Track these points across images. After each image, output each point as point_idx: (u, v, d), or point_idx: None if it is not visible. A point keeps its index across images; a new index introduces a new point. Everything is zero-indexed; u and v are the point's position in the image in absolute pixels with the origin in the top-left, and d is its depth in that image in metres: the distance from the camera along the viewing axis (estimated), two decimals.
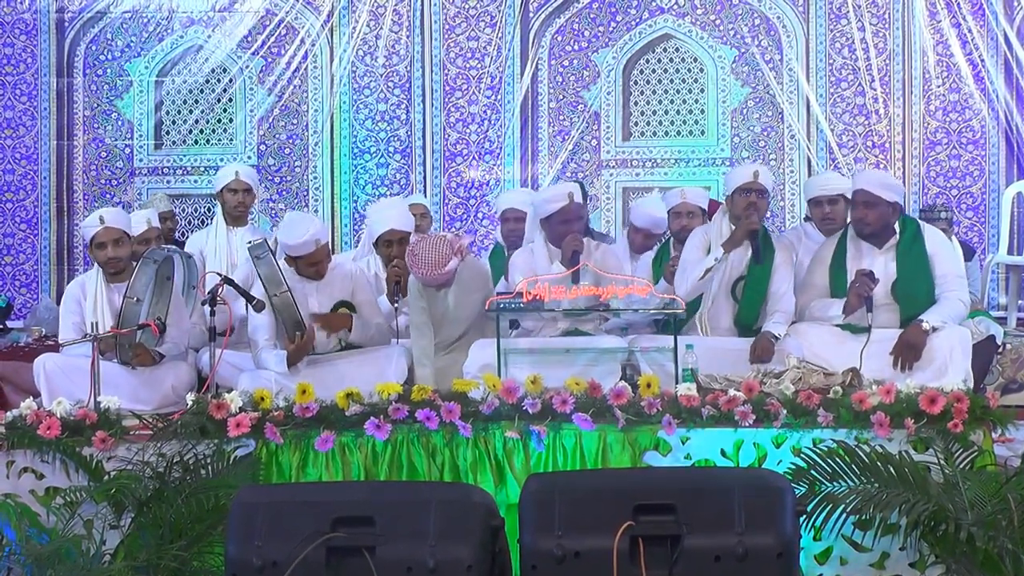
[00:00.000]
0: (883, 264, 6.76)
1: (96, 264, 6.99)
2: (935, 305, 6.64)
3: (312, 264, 6.90)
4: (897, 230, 6.81)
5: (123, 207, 10.31)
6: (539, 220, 7.15)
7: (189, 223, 10.49)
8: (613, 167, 10.47)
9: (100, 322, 6.58)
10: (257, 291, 6.80)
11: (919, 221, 7.06)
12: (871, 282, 6.59)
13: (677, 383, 6.10)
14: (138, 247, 7.26)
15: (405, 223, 7.34)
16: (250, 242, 6.95)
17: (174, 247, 7.64)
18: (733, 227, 6.96)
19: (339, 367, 6.65)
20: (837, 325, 6.71)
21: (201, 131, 10.68)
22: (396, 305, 7.12)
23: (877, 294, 6.68)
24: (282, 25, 10.58)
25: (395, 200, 8.93)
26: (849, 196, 7.06)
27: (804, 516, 5.06)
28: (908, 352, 6.53)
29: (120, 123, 10.64)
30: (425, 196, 10.18)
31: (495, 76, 10.48)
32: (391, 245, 7.26)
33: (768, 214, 10.14)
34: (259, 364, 6.74)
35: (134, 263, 6.79)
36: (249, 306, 6.70)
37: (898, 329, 6.65)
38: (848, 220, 7.07)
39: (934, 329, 6.53)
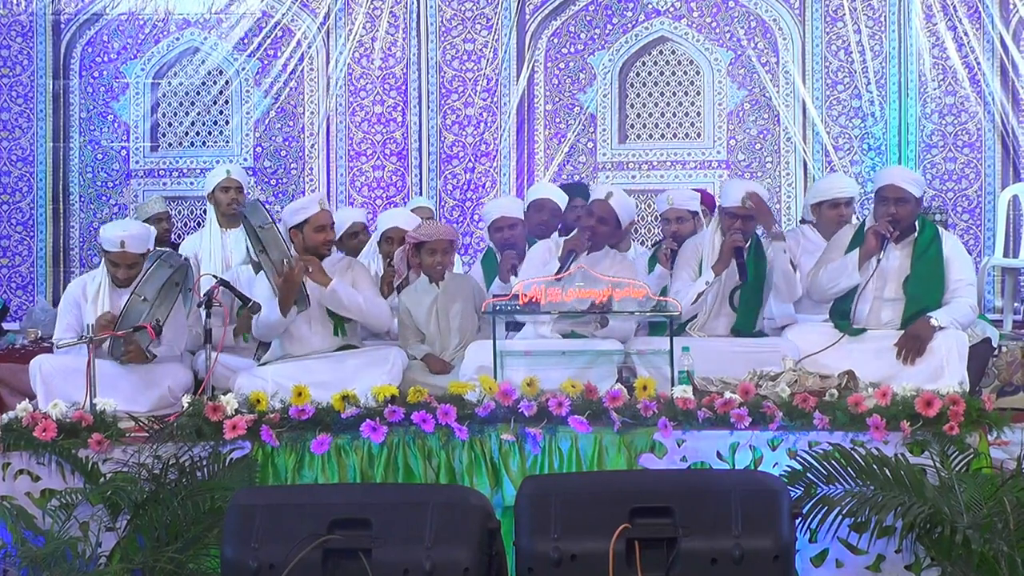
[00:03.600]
0: (898, 259, 6.78)
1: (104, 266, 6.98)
2: (945, 306, 6.66)
3: (318, 230, 6.82)
4: (916, 227, 6.83)
5: (119, 209, 10.37)
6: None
7: (185, 225, 10.48)
8: (609, 169, 10.47)
9: (97, 319, 6.59)
10: (246, 289, 6.84)
11: (937, 224, 7.07)
12: (891, 227, 6.63)
13: (673, 385, 6.11)
14: None
15: (409, 224, 7.45)
16: (243, 204, 6.97)
17: (171, 250, 7.63)
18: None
19: (335, 368, 6.65)
20: (835, 328, 6.72)
21: (197, 133, 10.67)
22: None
23: (885, 289, 6.73)
24: (278, 27, 10.57)
25: (411, 203, 9.13)
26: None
27: (800, 519, 5.07)
28: (913, 343, 6.54)
29: (116, 125, 10.63)
30: (421, 198, 10.19)
31: (491, 78, 10.48)
32: (392, 243, 7.42)
33: None
34: (257, 329, 6.76)
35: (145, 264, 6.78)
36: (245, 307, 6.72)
37: (897, 330, 6.67)
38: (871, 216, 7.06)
39: (941, 328, 6.55)
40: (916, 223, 6.83)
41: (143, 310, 6.48)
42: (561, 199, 8.12)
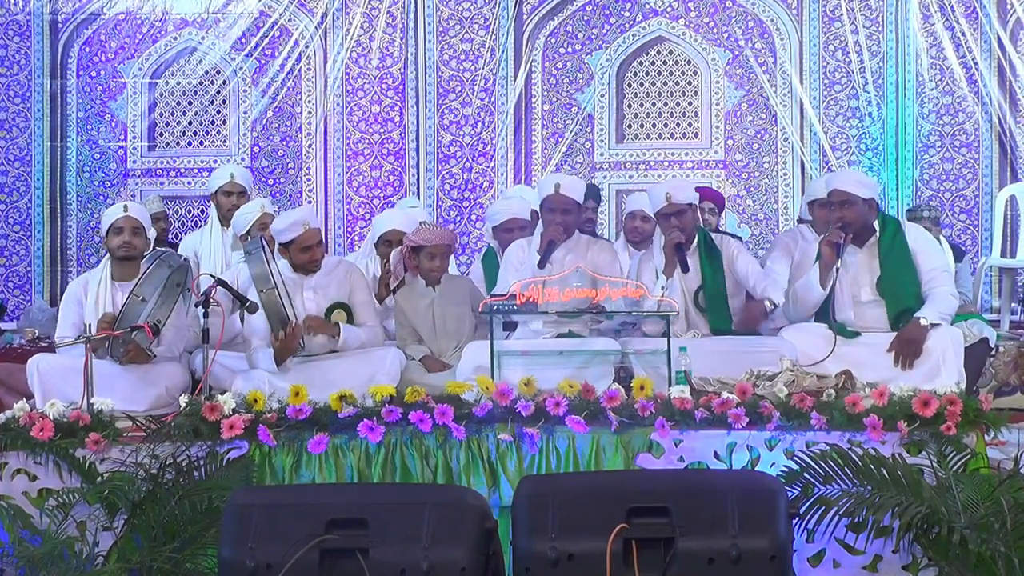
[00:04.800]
0: (866, 262, 6.76)
1: (108, 252, 6.94)
2: (928, 302, 6.63)
3: (304, 250, 6.83)
4: (877, 228, 6.81)
5: None
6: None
7: (182, 224, 10.49)
8: (607, 169, 10.48)
9: (98, 322, 6.58)
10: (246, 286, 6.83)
11: (898, 219, 7.07)
12: (841, 232, 6.62)
13: (670, 385, 6.11)
14: None
15: (406, 226, 7.41)
16: (248, 242, 6.99)
17: (171, 250, 7.61)
18: None
19: (333, 368, 6.64)
20: (830, 328, 6.72)
21: (195, 133, 10.68)
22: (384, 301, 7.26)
23: (861, 293, 6.72)
24: (276, 27, 10.58)
25: (403, 204, 9.08)
26: None
27: (797, 519, 5.07)
28: (908, 348, 6.52)
29: (114, 125, 10.64)
30: (419, 198, 10.19)
31: (488, 78, 10.49)
32: (391, 245, 7.39)
33: (762, 216, 10.20)
34: (252, 363, 6.75)
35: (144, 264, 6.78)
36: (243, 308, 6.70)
37: (886, 330, 6.66)
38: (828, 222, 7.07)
39: (933, 326, 6.54)
40: (876, 223, 6.81)
41: (142, 310, 6.47)
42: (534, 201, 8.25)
